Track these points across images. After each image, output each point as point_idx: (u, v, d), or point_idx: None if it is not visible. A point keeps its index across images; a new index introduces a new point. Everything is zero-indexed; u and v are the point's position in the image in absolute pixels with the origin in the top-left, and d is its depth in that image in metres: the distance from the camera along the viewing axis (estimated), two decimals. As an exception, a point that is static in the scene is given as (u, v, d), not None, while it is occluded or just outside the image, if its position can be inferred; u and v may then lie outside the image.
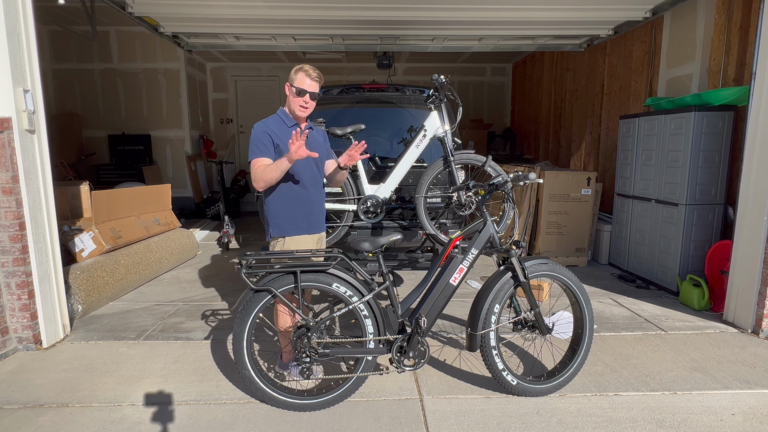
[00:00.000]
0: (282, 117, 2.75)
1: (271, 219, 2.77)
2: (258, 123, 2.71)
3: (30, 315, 3.26)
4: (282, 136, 2.67)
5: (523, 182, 2.69)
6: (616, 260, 5.57)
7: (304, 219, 2.79)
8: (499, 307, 2.61)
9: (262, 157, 2.62)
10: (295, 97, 2.65)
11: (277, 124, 2.71)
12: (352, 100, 4.48)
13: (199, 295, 4.58)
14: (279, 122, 2.72)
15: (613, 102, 6.38)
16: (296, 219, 2.76)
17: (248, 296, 2.50)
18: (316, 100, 2.70)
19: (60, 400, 2.69)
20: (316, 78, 2.65)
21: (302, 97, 2.64)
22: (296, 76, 2.64)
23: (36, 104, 3.26)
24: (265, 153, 2.63)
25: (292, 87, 2.66)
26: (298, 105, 2.66)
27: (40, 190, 3.31)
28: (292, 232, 2.77)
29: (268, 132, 2.65)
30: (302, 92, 2.63)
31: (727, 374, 2.99)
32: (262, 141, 2.64)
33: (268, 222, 2.80)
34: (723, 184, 4.36)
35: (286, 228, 2.76)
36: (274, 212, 2.76)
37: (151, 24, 5.34)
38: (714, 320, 3.90)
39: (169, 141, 8.98)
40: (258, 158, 2.63)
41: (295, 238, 2.77)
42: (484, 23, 5.40)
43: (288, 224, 2.76)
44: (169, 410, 2.59)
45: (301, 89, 2.63)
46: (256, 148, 2.64)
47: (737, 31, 4.28)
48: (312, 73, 2.64)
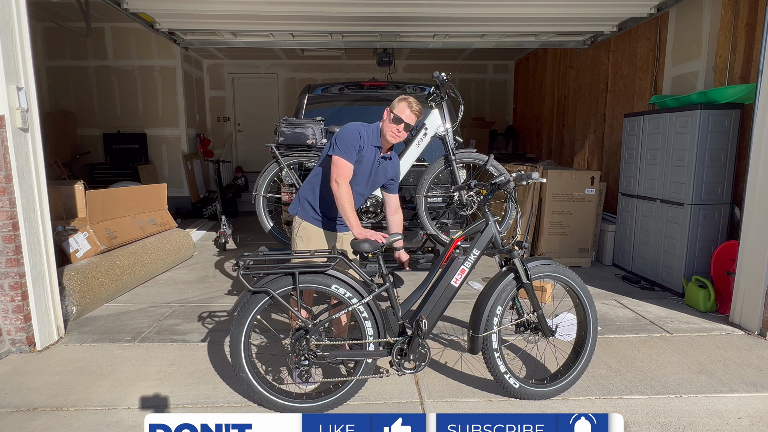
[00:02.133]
0: (374, 133, 2.79)
1: (302, 199, 2.91)
2: (356, 126, 2.74)
3: (23, 317, 3.26)
4: (366, 148, 2.73)
5: (526, 181, 2.69)
6: (621, 261, 5.57)
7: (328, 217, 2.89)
8: (501, 308, 2.61)
9: (347, 161, 2.66)
10: (390, 123, 2.73)
11: (368, 136, 2.75)
12: (352, 98, 4.48)
13: (195, 297, 4.58)
14: (370, 135, 2.77)
15: (617, 100, 6.38)
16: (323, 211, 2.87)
17: (246, 298, 2.50)
18: (408, 132, 2.79)
19: (54, 403, 2.68)
20: (416, 112, 2.72)
21: (398, 125, 2.72)
22: (399, 105, 2.72)
23: (29, 102, 3.26)
24: (352, 156, 2.67)
25: (391, 113, 2.73)
26: (392, 131, 2.74)
27: (33, 189, 3.31)
28: (311, 220, 2.89)
29: (362, 136, 2.70)
30: (399, 120, 2.71)
31: (733, 377, 2.99)
32: (352, 144, 2.67)
33: (299, 199, 2.92)
34: (729, 183, 4.36)
35: (308, 215, 2.89)
36: (307, 196, 2.88)
37: (147, 20, 5.34)
38: (720, 322, 3.90)
39: (165, 139, 8.97)
40: (343, 158, 2.65)
41: (308, 227, 2.89)
42: (485, 20, 5.40)
43: (310, 212, 2.88)
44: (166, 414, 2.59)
45: (399, 117, 2.71)
46: (345, 148, 2.66)
47: (744, 28, 4.28)
48: (415, 106, 2.72)
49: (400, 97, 2.76)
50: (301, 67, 10.04)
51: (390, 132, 2.74)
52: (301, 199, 2.91)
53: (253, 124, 10.34)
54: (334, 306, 2.79)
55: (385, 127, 2.76)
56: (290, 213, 2.96)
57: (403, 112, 2.70)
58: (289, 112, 8.81)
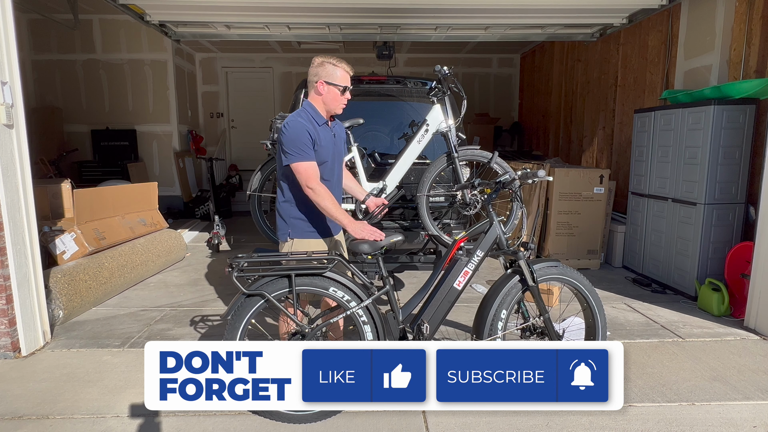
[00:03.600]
0: (312, 114, 2.67)
1: (290, 220, 2.73)
2: (295, 120, 2.60)
3: (8, 321, 3.26)
4: (318, 134, 2.62)
5: (532, 180, 2.69)
6: (631, 263, 5.57)
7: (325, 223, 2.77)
8: (506, 312, 2.61)
9: (308, 161, 2.55)
10: (336, 95, 2.65)
11: (310, 122, 2.64)
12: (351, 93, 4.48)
13: (187, 300, 4.58)
14: (311, 120, 2.65)
15: (627, 95, 6.38)
16: (318, 223, 2.75)
17: (240, 301, 2.49)
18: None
19: (40, 411, 2.68)
20: (345, 67, 2.66)
21: (344, 94, 2.67)
22: (337, 73, 2.63)
23: (14, 97, 3.25)
24: (310, 154, 2.57)
25: (330, 85, 2.62)
26: (341, 104, 2.68)
27: (18, 188, 3.31)
28: (309, 235, 2.74)
29: (308, 131, 2.58)
30: (345, 89, 2.65)
31: (748, 384, 2.99)
32: (305, 143, 2.55)
33: (285, 222, 2.74)
34: (744, 182, 4.36)
35: (305, 231, 2.73)
36: (295, 214, 2.72)
37: (137, 12, 5.33)
38: (734, 327, 3.90)
39: (156, 136, 8.97)
40: (304, 162, 2.55)
41: (311, 242, 2.74)
42: (490, 11, 5.39)
43: (307, 227, 2.73)
44: (156, 422, 2.59)
45: (345, 87, 2.65)
46: (299, 150, 2.54)
47: (759, 20, 4.28)
48: (348, 68, 2.67)
49: (333, 63, 2.63)
50: (298, 61, 10.03)
51: (339, 105, 2.67)
52: (290, 220, 2.73)
53: (247, 120, 10.34)
54: (332, 309, 2.78)
55: (330, 101, 2.65)
56: (281, 240, 2.79)
57: (346, 79, 2.65)
58: (285, 107, 8.80)
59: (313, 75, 2.65)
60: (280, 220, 2.77)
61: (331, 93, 2.64)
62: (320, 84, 2.63)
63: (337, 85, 2.63)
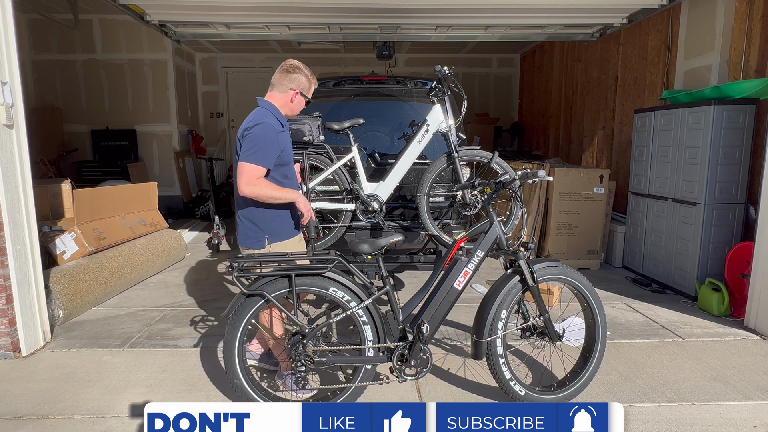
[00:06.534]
0: (278, 116, 2.73)
1: (265, 224, 2.72)
2: (267, 122, 2.60)
3: (8, 321, 3.26)
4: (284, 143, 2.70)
5: (532, 180, 2.69)
6: (631, 263, 5.57)
7: (294, 220, 2.86)
8: (506, 312, 2.61)
9: (263, 168, 2.56)
10: (301, 105, 2.83)
11: (278, 122, 2.70)
12: (350, 93, 4.48)
13: (187, 300, 4.58)
14: (278, 122, 2.70)
15: (627, 95, 6.38)
16: (289, 221, 2.82)
17: (240, 301, 2.50)
18: None
19: (40, 411, 2.68)
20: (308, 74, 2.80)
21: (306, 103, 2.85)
22: (311, 88, 2.82)
23: (14, 97, 3.25)
24: (268, 163, 2.58)
25: (302, 96, 2.78)
26: (300, 109, 2.85)
27: (18, 188, 3.31)
28: (286, 236, 2.80)
29: (277, 136, 2.61)
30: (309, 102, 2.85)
31: (748, 384, 2.99)
32: (272, 149, 2.58)
33: (260, 228, 2.72)
34: (744, 182, 4.36)
35: (283, 232, 2.78)
36: (269, 216, 2.72)
37: (137, 12, 5.34)
38: (734, 327, 3.90)
39: (156, 136, 8.97)
40: (259, 166, 2.54)
41: (287, 243, 2.81)
42: (490, 11, 5.40)
43: (283, 228, 2.79)
44: (156, 422, 2.59)
45: (309, 99, 2.84)
46: (265, 154, 2.55)
47: (759, 20, 4.28)
48: (305, 71, 2.79)
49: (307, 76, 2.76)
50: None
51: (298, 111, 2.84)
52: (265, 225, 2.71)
53: (247, 121, 10.34)
54: (332, 309, 2.79)
55: (293, 106, 2.78)
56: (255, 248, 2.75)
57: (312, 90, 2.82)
58: (285, 107, 8.79)
59: (289, 81, 2.74)
60: (251, 228, 2.73)
61: (299, 104, 2.82)
62: (296, 94, 2.76)
63: (306, 97, 2.81)
